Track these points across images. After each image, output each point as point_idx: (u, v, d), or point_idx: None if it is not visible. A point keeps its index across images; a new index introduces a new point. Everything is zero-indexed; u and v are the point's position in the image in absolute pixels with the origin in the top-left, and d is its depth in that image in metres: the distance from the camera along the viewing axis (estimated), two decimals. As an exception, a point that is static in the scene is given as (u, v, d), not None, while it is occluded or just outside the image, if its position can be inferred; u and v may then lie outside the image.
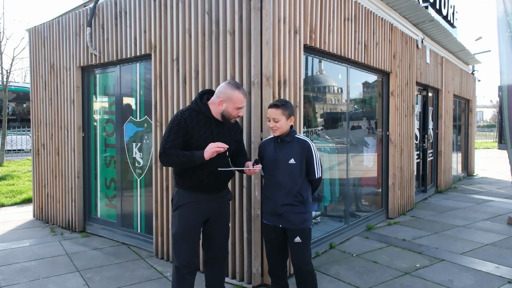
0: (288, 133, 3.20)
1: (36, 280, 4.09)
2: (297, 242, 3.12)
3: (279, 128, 3.16)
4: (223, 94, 2.98)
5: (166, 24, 4.54)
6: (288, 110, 3.17)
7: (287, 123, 3.18)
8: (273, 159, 3.21)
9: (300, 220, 3.13)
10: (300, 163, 3.14)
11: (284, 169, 3.15)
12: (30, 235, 5.75)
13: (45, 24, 6.34)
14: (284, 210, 3.13)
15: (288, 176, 3.14)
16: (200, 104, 3.03)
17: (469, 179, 12.00)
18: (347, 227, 5.65)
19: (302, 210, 3.13)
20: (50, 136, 6.31)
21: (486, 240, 5.54)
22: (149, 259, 4.71)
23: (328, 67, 5.42)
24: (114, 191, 5.61)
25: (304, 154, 3.14)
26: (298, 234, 3.12)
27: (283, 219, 3.15)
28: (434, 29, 8.31)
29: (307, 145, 3.16)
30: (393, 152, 6.73)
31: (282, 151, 3.19)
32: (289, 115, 3.17)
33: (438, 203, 8.19)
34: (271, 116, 3.17)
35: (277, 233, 3.23)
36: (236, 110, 3.00)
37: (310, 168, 3.17)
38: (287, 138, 3.20)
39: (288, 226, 3.14)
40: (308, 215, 3.18)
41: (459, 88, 11.10)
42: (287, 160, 3.15)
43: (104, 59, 5.40)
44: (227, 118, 3.02)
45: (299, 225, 3.12)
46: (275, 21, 3.85)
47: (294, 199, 3.12)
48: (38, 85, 6.53)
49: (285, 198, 3.14)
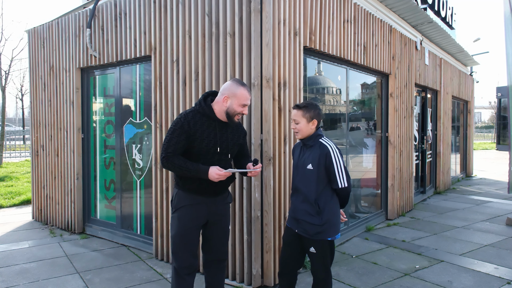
0: (311, 136, 3.06)
1: (36, 282, 4.08)
2: (312, 252, 3.02)
3: (299, 131, 3.05)
4: (228, 90, 2.96)
5: (166, 25, 4.54)
6: (310, 113, 3.02)
7: (309, 126, 3.04)
8: (296, 163, 3.14)
9: (314, 231, 2.96)
10: (317, 170, 2.96)
11: (302, 175, 3.04)
12: (29, 236, 5.74)
13: (45, 25, 6.34)
14: (301, 216, 3.02)
15: (305, 182, 3.01)
16: (204, 105, 3.00)
17: (467, 180, 12.03)
18: (347, 228, 5.66)
19: (317, 222, 2.95)
20: (49, 137, 6.31)
21: (485, 241, 5.56)
22: (149, 260, 4.71)
23: (327, 69, 5.43)
24: (113, 193, 5.61)
25: (322, 160, 2.95)
26: (312, 245, 3.00)
27: (299, 225, 3.05)
28: (433, 31, 8.35)
29: (326, 150, 2.96)
30: (392, 153, 6.74)
31: (304, 155, 3.07)
32: (310, 118, 3.02)
33: (437, 204, 8.20)
34: (292, 118, 3.09)
35: (294, 237, 3.12)
36: (240, 107, 2.97)
37: (331, 176, 2.96)
38: (309, 142, 3.06)
39: (303, 234, 3.04)
40: (324, 227, 2.95)
41: (458, 90, 11.13)
42: (306, 165, 3.01)
43: (103, 61, 5.40)
44: (231, 116, 2.97)
45: (312, 236, 2.98)
46: (275, 23, 3.86)
47: (311, 208, 2.97)
48: (37, 86, 6.53)
49: (302, 204, 3.02)
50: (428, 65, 8.46)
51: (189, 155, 2.97)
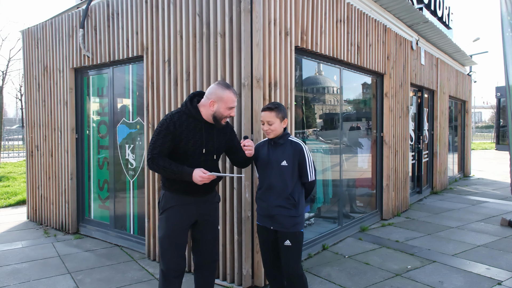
0: (282, 135, 3.20)
1: (27, 282, 4.08)
2: (287, 246, 3.10)
3: (273, 131, 3.16)
4: (214, 94, 2.95)
5: (157, 25, 4.54)
6: (282, 113, 3.17)
7: (281, 126, 3.18)
8: (266, 161, 3.21)
9: (291, 223, 3.11)
10: (292, 165, 3.13)
11: (277, 171, 3.14)
12: (23, 237, 5.74)
13: (39, 25, 6.34)
14: (276, 212, 3.12)
15: (280, 178, 3.14)
16: (190, 106, 2.99)
17: (465, 180, 12.01)
18: (340, 228, 5.65)
19: (294, 214, 3.11)
20: (43, 138, 6.31)
21: (478, 241, 5.55)
22: (141, 260, 4.71)
23: (321, 68, 5.43)
24: (107, 193, 5.61)
25: (296, 157, 3.13)
26: (288, 238, 3.10)
27: (274, 221, 3.14)
28: (429, 31, 8.33)
29: (300, 147, 3.16)
30: (388, 153, 6.74)
31: (275, 153, 3.18)
32: (282, 118, 3.17)
33: (433, 204, 8.19)
34: (265, 119, 3.18)
35: (269, 235, 3.21)
36: (227, 110, 2.97)
37: (302, 171, 3.16)
38: (280, 140, 3.19)
39: (279, 229, 3.13)
40: (300, 219, 3.15)
41: (455, 89, 11.12)
42: (280, 162, 3.14)
43: (97, 61, 5.39)
44: (218, 119, 2.98)
45: (289, 229, 3.10)
46: (266, 23, 3.85)
47: (287, 202, 3.11)
48: (31, 87, 6.53)
49: (277, 200, 3.13)
50: (424, 64, 8.45)
51: (176, 156, 2.96)
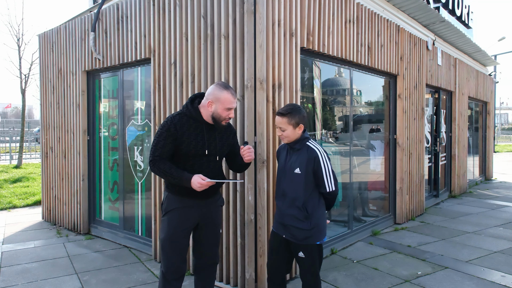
0: (298, 140, 2.97)
1: (34, 282, 4.15)
2: (301, 257, 2.95)
3: (286, 137, 2.97)
4: (211, 95, 2.93)
5: (164, 28, 4.56)
6: (296, 119, 2.92)
7: (295, 132, 2.95)
8: (283, 166, 3.06)
9: (302, 236, 2.90)
10: (305, 174, 2.89)
11: (290, 178, 2.96)
12: (36, 236, 5.86)
13: (54, 29, 6.47)
14: (288, 222, 2.95)
15: (291, 186, 2.94)
16: (191, 108, 2.98)
17: (486, 183, 11.65)
18: (350, 232, 5.55)
19: (306, 227, 2.88)
20: (57, 139, 6.43)
21: (495, 247, 5.35)
22: (147, 262, 4.73)
23: (329, 70, 5.35)
24: (117, 194, 5.67)
25: (310, 164, 2.88)
26: (301, 250, 2.94)
27: (287, 230, 2.98)
28: (446, 30, 8.13)
29: (314, 154, 2.89)
30: (401, 156, 6.58)
31: (292, 159, 3.00)
32: (296, 124, 2.93)
33: (450, 208, 7.97)
34: (277, 125, 3.00)
35: (280, 243, 3.05)
36: (226, 111, 2.93)
37: (319, 180, 2.89)
38: (297, 145, 2.97)
39: (290, 239, 2.97)
40: (313, 232, 2.89)
41: (475, 90, 10.80)
42: (293, 169, 2.93)
43: (107, 63, 5.46)
44: (217, 120, 2.95)
45: (301, 241, 2.92)
46: (269, 24, 3.81)
47: (299, 212, 2.89)
48: (47, 89, 6.67)
49: (289, 208, 2.95)
50: (441, 65, 8.24)
51: (178, 158, 2.95)
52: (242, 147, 3.02)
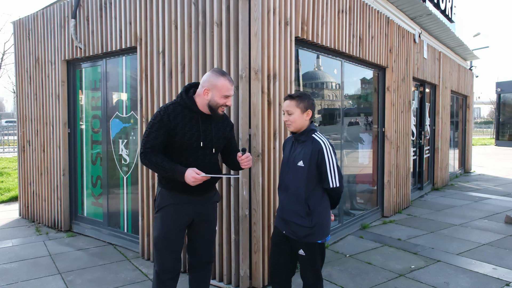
0: (304, 131, 2.84)
1: (14, 283, 3.91)
2: (301, 255, 2.84)
3: (292, 123, 2.82)
4: (208, 82, 2.76)
5: (151, 15, 4.34)
6: (304, 103, 2.80)
7: (303, 117, 2.81)
8: (286, 158, 2.93)
9: (303, 234, 2.77)
10: (308, 167, 2.75)
11: (292, 172, 2.82)
12: (14, 234, 5.56)
13: (30, 16, 6.12)
14: (289, 217, 2.83)
15: (294, 179, 2.80)
16: (185, 98, 2.80)
17: (466, 176, 11.87)
18: (341, 226, 5.49)
19: (307, 224, 2.75)
20: (35, 132, 6.11)
21: (483, 239, 5.40)
22: (134, 260, 4.54)
23: (321, 61, 5.24)
24: (100, 189, 5.43)
25: (314, 157, 2.73)
26: (301, 247, 2.82)
27: (287, 227, 2.85)
28: (432, 24, 8.15)
29: (319, 147, 2.74)
30: (389, 149, 6.57)
31: (296, 151, 2.85)
32: (305, 108, 2.80)
33: (435, 200, 8.04)
34: (285, 109, 2.86)
35: (282, 238, 2.93)
36: (223, 98, 2.76)
37: (322, 175, 2.75)
38: (302, 137, 2.83)
39: (291, 236, 2.85)
40: (314, 230, 2.76)
41: (457, 84, 10.94)
42: (297, 162, 2.79)
43: (89, 52, 5.19)
44: (214, 109, 2.78)
45: (301, 239, 2.79)
46: (264, 11, 3.66)
47: (301, 208, 2.77)
48: (23, 80, 6.32)
49: (291, 203, 2.82)
50: (427, 58, 8.26)
51: (172, 151, 2.78)
52: (240, 154, 2.84)
